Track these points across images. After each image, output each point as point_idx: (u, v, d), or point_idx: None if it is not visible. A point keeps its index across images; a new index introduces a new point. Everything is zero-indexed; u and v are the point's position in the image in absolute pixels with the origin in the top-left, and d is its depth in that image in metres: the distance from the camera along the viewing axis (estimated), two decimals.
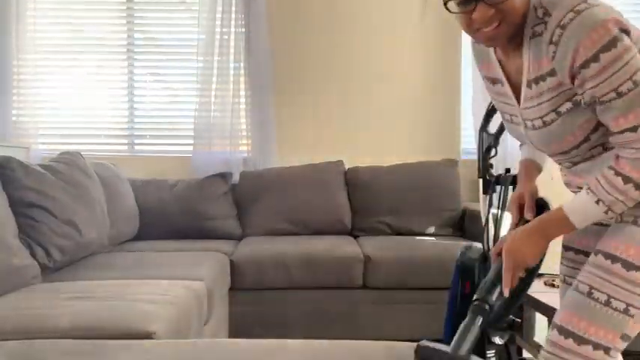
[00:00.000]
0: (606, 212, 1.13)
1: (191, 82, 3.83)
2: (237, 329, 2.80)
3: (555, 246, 1.32)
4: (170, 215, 3.33)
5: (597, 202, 1.13)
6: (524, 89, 1.22)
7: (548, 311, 2.03)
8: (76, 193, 2.49)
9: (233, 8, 3.68)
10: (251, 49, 3.67)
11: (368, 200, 3.51)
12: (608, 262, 1.14)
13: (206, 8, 3.69)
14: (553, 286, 2.33)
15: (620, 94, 1.07)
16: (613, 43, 1.07)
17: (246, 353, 1.26)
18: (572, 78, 1.12)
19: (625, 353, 2.25)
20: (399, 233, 3.46)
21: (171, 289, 1.91)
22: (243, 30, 3.69)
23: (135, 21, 3.92)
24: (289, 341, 1.35)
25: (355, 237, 3.44)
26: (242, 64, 3.72)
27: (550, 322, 2.27)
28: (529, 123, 1.26)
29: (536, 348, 2.34)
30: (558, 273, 2.50)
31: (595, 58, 1.07)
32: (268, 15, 3.74)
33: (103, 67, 3.90)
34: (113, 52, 3.90)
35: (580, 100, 1.14)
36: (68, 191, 2.44)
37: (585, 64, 1.08)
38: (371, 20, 3.87)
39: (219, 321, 2.62)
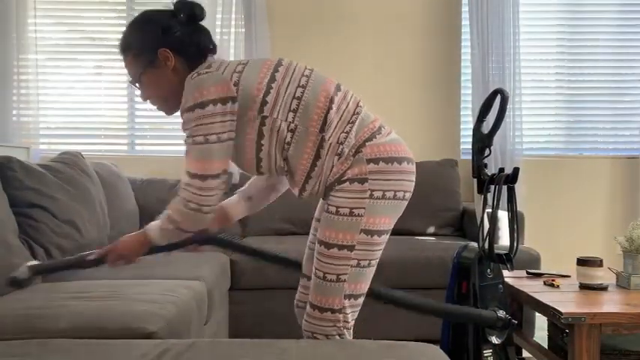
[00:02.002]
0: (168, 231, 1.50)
1: None
2: (237, 329, 2.80)
3: (548, 250, 1.33)
4: None
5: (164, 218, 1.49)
6: None
7: (548, 311, 2.03)
8: (76, 193, 2.49)
9: (233, 9, 3.69)
10: (251, 50, 3.67)
11: None
12: (319, 246, 1.44)
13: (206, 9, 3.68)
14: (552, 285, 2.33)
15: (194, 142, 1.41)
16: (202, 105, 1.38)
17: (246, 353, 1.26)
18: None
19: (625, 353, 2.25)
20: (399, 233, 3.44)
21: (171, 289, 1.91)
22: (243, 30, 3.69)
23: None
24: (289, 341, 1.35)
25: None
26: None
27: (549, 321, 2.29)
28: None
29: (536, 348, 2.34)
30: (556, 273, 2.50)
31: (190, 109, 1.40)
32: (268, 15, 3.75)
33: (103, 67, 3.91)
34: (113, 52, 3.88)
35: None
36: (68, 191, 2.44)
37: (182, 113, 1.44)
38: (371, 21, 3.87)
39: (219, 321, 2.62)
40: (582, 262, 2.30)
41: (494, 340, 2.01)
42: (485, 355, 1.99)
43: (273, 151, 1.45)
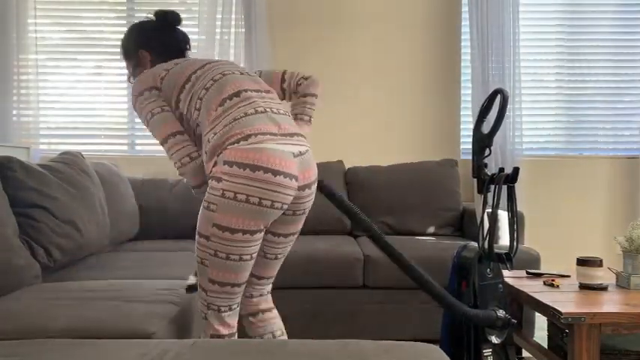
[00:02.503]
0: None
1: None
2: (237, 329, 2.79)
3: (548, 250, 1.33)
4: (170, 215, 3.34)
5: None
6: None
7: (548, 311, 2.04)
8: (76, 193, 2.49)
9: (233, 9, 3.69)
10: (251, 50, 3.67)
11: (368, 200, 3.52)
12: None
13: (206, 9, 3.69)
14: (552, 285, 2.33)
15: (146, 121, 1.72)
16: (141, 94, 1.72)
17: (246, 353, 1.26)
18: None
19: (625, 353, 2.26)
20: (399, 233, 3.46)
21: (171, 289, 1.91)
22: (243, 31, 3.70)
23: (135, 21, 3.91)
24: (289, 341, 1.35)
25: (355, 237, 3.44)
26: (242, 65, 3.72)
27: (549, 321, 2.28)
28: None
29: (536, 348, 2.34)
30: (557, 273, 2.50)
31: (135, 98, 1.74)
32: (268, 16, 3.75)
33: (103, 67, 3.91)
34: (113, 52, 3.90)
35: None
36: (68, 191, 2.44)
37: (132, 102, 1.77)
38: (371, 21, 3.88)
39: None
40: (582, 262, 2.30)
41: (494, 339, 2.02)
42: (485, 354, 2.00)
43: (191, 140, 1.72)
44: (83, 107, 3.90)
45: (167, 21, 1.90)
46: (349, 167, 3.67)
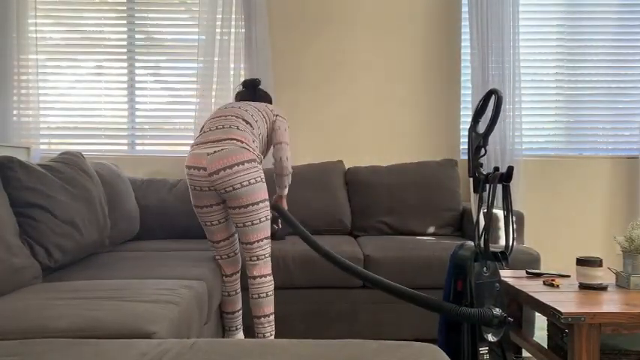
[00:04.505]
0: None
1: (191, 82, 3.84)
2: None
3: (548, 250, 1.33)
4: (170, 215, 3.34)
5: None
6: None
7: (547, 310, 2.04)
8: (76, 193, 2.49)
9: (233, 9, 3.69)
10: (251, 50, 3.68)
11: (368, 200, 3.52)
12: None
13: (206, 9, 3.70)
14: (552, 285, 2.33)
15: None
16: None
17: (246, 353, 1.26)
18: None
19: (625, 353, 2.26)
20: (399, 233, 3.46)
21: (171, 289, 1.92)
22: (243, 31, 3.70)
23: (135, 21, 3.92)
24: (289, 341, 1.35)
25: (355, 237, 3.45)
26: (242, 65, 3.73)
27: (549, 320, 2.28)
28: None
29: (536, 347, 2.34)
30: (556, 273, 2.50)
31: None
32: (268, 16, 3.75)
33: (103, 67, 3.91)
34: (113, 52, 3.91)
35: None
36: (69, 191, 2.44)
37: None
38: (371, 20, 3.88)
39: (219, 321, 2.62)
40: (582, 262, 2.30)
41: (491, 338, 2.02)
42: (482, 352, 2.00)
43: None
44: (83, 107, 3.90)
45: (245, 84, 2.89)
46: (349, 167, 3.67)
